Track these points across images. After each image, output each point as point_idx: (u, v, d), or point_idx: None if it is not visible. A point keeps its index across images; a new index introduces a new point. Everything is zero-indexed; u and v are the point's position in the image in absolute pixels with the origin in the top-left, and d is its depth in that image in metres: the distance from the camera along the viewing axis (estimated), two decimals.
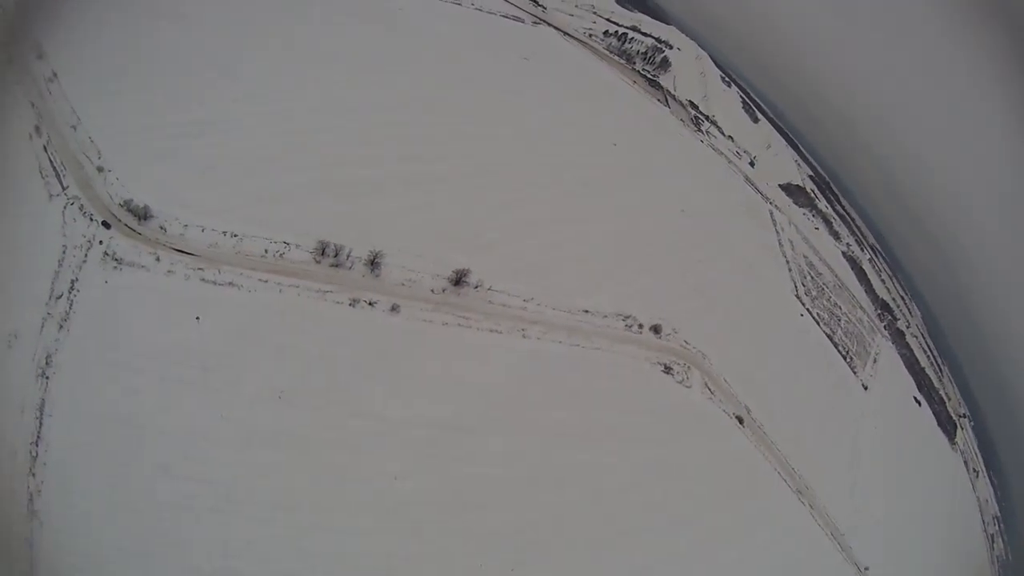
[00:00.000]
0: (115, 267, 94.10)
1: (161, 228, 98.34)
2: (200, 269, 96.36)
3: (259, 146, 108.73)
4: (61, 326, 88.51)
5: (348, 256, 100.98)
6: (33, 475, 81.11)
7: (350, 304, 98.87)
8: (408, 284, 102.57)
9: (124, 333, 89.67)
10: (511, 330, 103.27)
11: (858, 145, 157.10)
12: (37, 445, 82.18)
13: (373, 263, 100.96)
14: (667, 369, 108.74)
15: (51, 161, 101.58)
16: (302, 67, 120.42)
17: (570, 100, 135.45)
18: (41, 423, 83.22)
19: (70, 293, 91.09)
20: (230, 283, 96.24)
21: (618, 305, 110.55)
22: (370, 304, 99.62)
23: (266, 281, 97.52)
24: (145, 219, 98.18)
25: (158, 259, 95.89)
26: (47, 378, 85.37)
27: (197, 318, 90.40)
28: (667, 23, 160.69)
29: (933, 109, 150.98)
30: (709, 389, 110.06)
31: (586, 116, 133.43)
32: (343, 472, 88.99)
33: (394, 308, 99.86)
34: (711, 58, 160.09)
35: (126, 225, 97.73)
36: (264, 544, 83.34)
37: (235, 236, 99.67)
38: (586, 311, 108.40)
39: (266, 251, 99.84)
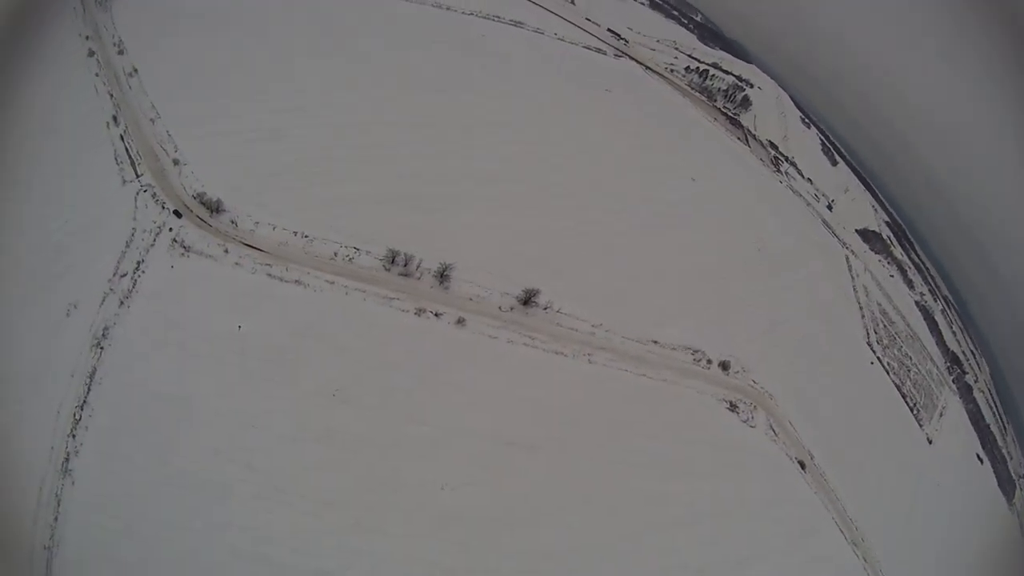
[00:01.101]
0: (182, 254, 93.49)
1: (232, 223, 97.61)
2: (268, 265, 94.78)
3: (335, 154, 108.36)
4: (122, 302, 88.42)
5: (418, 267, 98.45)
6: (73, 436, 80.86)
7: (415, 313, 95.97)
8: (476, 299, 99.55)
9: (185, 316, 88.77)
10: (577, 354, 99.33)
11: (936, 193, 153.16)
12: (82, 409, 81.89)
13: (443, 276, 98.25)
14: (732, 407, 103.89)
15: (127, 150, 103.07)
16: (383, 82, 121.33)
17: (651, 133, 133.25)
18: (89, 389, 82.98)
19: (135, 273, 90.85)
20: (296, 281, 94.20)
21: (688, 338, 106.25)
22: (436, 315, 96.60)
23: (333, 283, 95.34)
24: (217, 212, 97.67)
25: (226, 251, 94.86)
26: (101, 348, 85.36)
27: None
28: (748, 61, 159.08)
29: (1012, 163, 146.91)
30: (773, 430, 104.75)
31: (666, 149, 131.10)
32: (391, 475, 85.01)
33: (460, 321, 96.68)
34: (791, 98, 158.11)
35: (198, 216, 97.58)
36: (303, 537, 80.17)
37: (306, 237, 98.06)
38: (655, 342, 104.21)
39: (335, 254, 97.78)
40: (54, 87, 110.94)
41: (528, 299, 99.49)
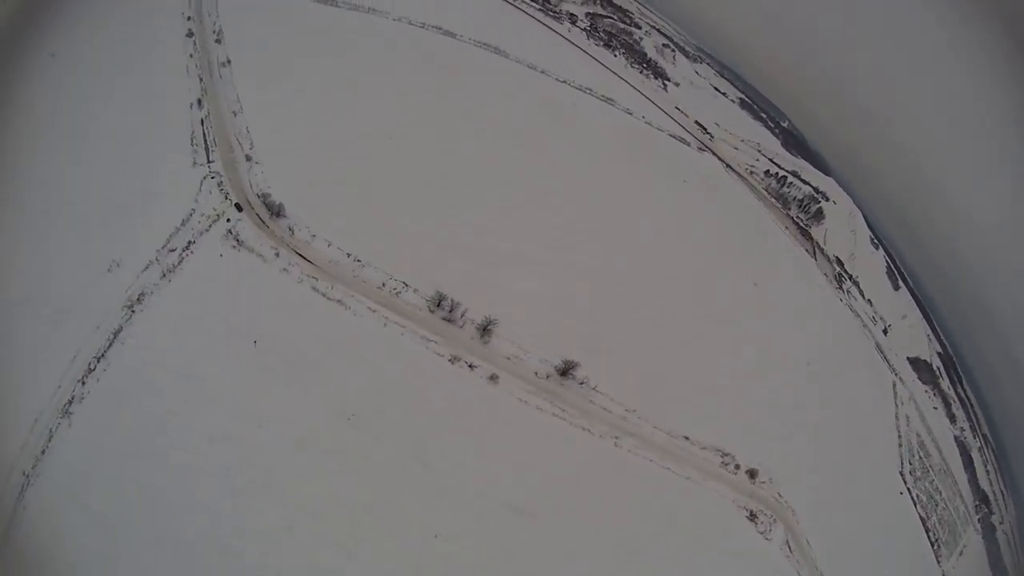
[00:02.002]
0: (234, 246, 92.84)
1: (289, 229, 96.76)
2: (314, 279, 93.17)
3: (407, 188, 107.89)
4: (164, 275, 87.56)
5: (463, 315, 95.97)
6: (83, 383, 78.59)
7: (450, 360, 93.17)
8: (514, 359, 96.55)
9: (221, 305, 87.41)
10: (604, 435, 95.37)
11: (993, 329, 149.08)
12: (98, 361, 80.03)
13: (485, 329, 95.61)
14: (752, 516, 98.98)
15: (204, 135, 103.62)
16: (468, 129, 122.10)
17: (720, 230, 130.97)
18: (110, 345, 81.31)
19: (183, 251, 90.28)
20: (339, 301, 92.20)
21: (720, 440, 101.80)
22: (470, 367, 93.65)
23: (375, 311, 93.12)
24: (277, 216, 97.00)
25: (277, 255, 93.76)
26: (133, 311, 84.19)
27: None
28: (827, 174, 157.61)
29: None
30: (789, 547, 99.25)
31: (732, 249, 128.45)
32: (384, 509, 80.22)
33: (493, 378, 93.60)
34: (864, 217, 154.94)
35: (258, 215, 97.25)
36: (275, 540, 75.83)
37: (358, 261, 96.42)
38: (686, 438, 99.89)
39: (384, 284, 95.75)
40: (147, 58, 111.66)
41: (566, 370, 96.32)
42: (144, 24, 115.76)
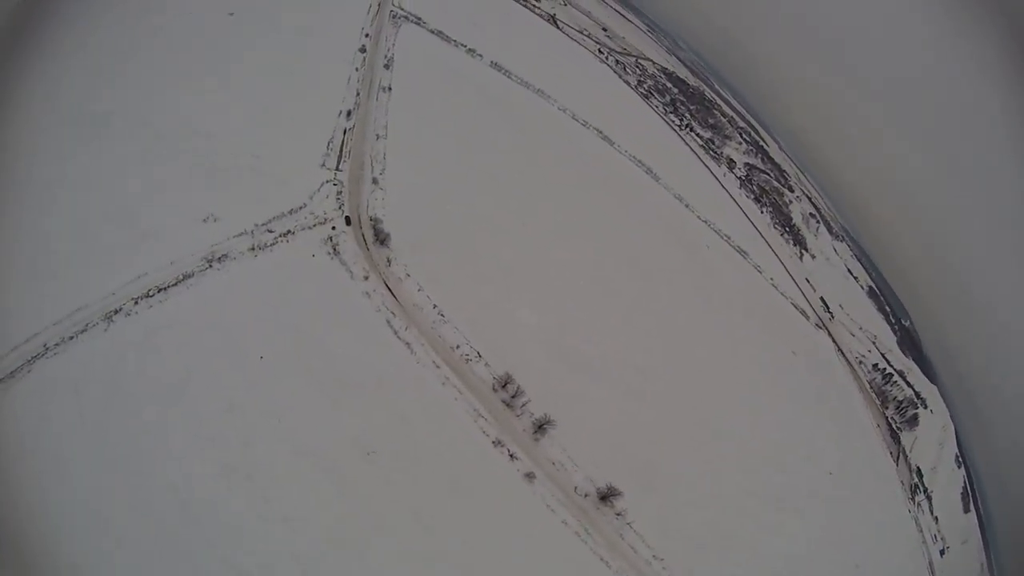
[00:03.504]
0: (329, 253, 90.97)
1: (387, 260, 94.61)
2: (392, 314, 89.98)
3: (523, 270, 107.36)
4: (253, 249, 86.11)
5: (523, 405, 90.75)
6: (136, 303, 76.16)
7: (494, 442, 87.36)
8: (558, 466, 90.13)
9: (292, 300, 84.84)
10: (622, 572, 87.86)
11: None
12: (160, 292, 77.93)
13: (541, 426, 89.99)
14: None
15: (342, 144, 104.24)
16: (599, 236, 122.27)
17: (812, 410, 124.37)
18: (176, 284, 79.16)
19: (280, 236, 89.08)
20: (407, 344, 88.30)
21: None
22: (511, 456, 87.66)
23: (438, 367, 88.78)
24: (381, 243, 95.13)
25: (366, 278, 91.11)
26: (210, 266, 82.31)
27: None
28: (933, 382, 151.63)
29: None
30: None
31: (820, 433, 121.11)
32: (366, 549, 72.62)
33: (530, 476, 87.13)
34: (956, 432, 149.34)
35: (363, 235, 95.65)
36: (242, 528, 67.81)
37: (442, 316, 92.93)
38: None
39: (458, 346, 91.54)
40: (315, 55, 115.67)
41: (607, 496, 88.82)
42: (322, 24, 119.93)
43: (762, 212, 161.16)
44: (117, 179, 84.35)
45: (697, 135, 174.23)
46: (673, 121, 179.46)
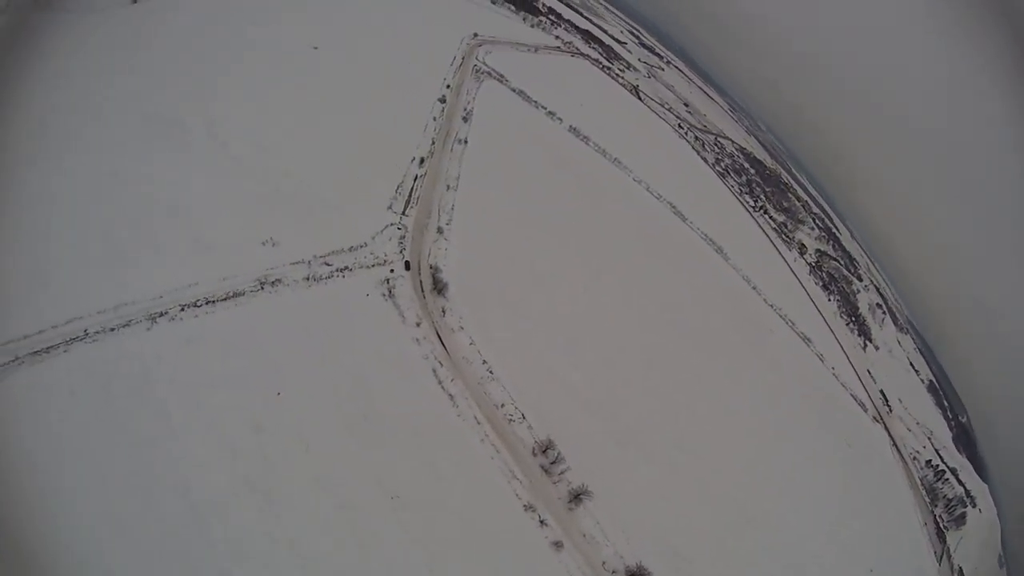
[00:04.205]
0: (384, 295, 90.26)
1: (442, 310, 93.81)
2: (440, 364, 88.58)
3: (570, 335, 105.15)
4: (308, 279, 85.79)
5: (562, 472, 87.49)
6: (182, 310, 75.47)
7: (525, 506, 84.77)
8: (589, 539, 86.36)
9: (339, 335, 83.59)
10: None
11: None
12: (208, 304, 77.45)
13: (578, 496, 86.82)
14: None
15: (411, 189, 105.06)
16: (652, 307, 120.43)
17: (861, 503, 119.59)
18: (225, 299, 78.79)
19: (337, 271, 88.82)
20: (451, 395, 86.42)
21: None
22: (541, 522, 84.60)
23: (479, 424, 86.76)
24: (438, 293, 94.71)
25: (418, 324, 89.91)
26: (262, 288, 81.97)
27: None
28: (985, 481, 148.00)
29: None
30: None
31: (865, 529, 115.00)
32: None
33: (557, 544, 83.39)
34: (1001, 531, 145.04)
35: (420, 281, 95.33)
36: (266, 567, 64.63)
37: (491, 372, 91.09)
38: None
39: (503, 405, 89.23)
40: (395, 98, 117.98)
41: (635, 575, 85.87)
42: (410, 67, 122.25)
43: (829, 299, 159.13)
44: (185, 186, 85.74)
45: (771, 217, 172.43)
46: (748, 202, 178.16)
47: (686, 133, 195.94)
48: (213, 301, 77.83)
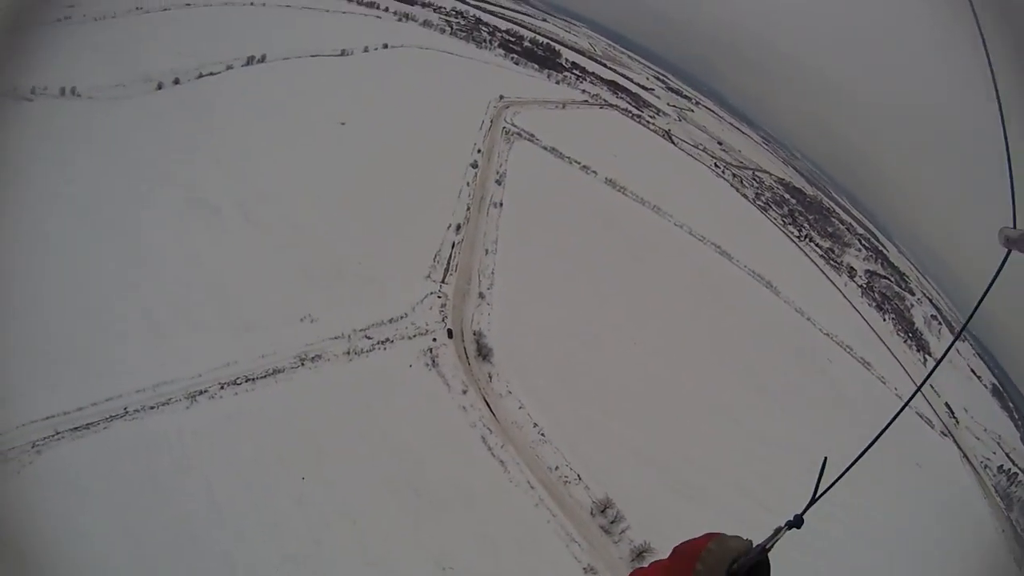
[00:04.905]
0: (427, 364, 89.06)
1: (488, 376, 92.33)
2: (489, 431, 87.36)
3: (623, 391, 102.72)
4: (348, 353, 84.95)
5: (623, 531, 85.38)
6: (222, 387, 75.42)
7: (585, 569, 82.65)
8: None
9: (383, 408, 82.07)
10: None
11: None
12: (248, 381, 77.07)
13: (640, 554, 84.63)
14: None
15: (449, 257, 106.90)
16: (703, 350, 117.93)
17: (934, 523, 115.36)
18: (265, 377, 78.24)
19: (378, 344, 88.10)
20: (502, 461, 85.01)
21: None
22: None
23: (533, 488, 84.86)
24: (483, 358, 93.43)
25: (464, 392, 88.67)
26: (303, 364, 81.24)
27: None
28: None
29: None
30: None
31: (941, 545, 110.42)
32: None
33: None
34: None
35: (464, 349, 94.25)
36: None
37: (542, 435, 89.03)
38: None
39: (556, 467, 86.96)
40: (426, 168, 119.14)
41: None
42: (437, 133, 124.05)
43: (884, 319, 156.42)
44: (222, 265, 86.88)
45: (817, 245, 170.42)
46: (792, 232, 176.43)
47: (723, 171, 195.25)
48: (253, 379, 77.71)
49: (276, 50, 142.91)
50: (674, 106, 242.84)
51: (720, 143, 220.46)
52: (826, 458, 5.45)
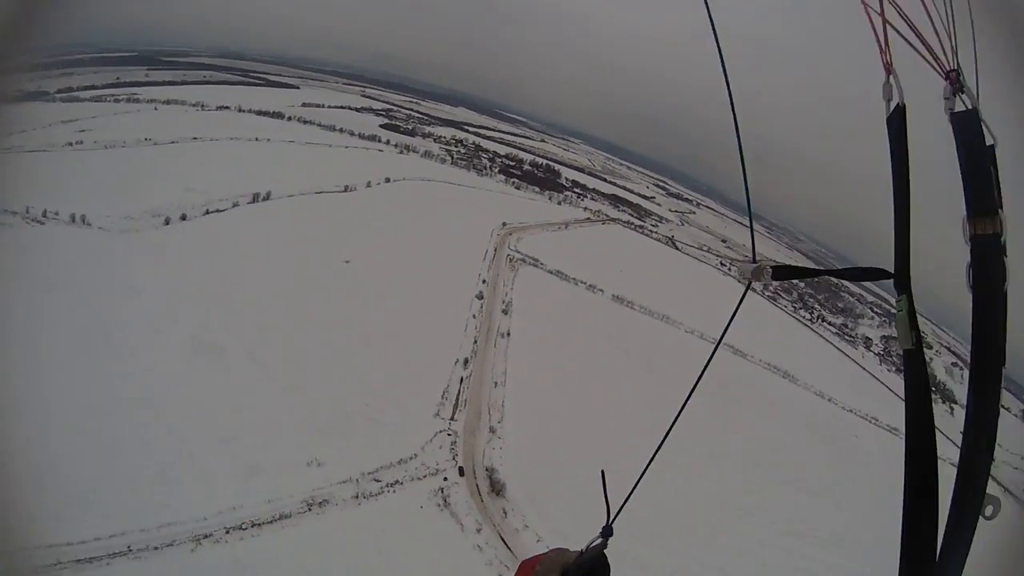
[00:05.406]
0: (438, 505, 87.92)
1: (503, 512, 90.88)
2: (507, 568, 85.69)
3: (641, 519, 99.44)
4: (357, 497, 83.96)
5: None
6: (227, 532, 74.13)
7: None
8: None
9: (394, 552, 79.76)
10: None
11: None
12: (255, 527, 76.20)
13: None
14: None
15: (458, 393, 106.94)
16: (733, 471, 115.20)
17: (984, 567, 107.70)
18: (272, 522, 77.26)
19: (387, 487, 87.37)
20: None
21: None
22: None
23: None
24: (497, 494, 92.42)
25: (479, 530, 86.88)
26: (310, 510, 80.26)
27: None
28: None
29: None
30: None
31: None
32: None
33: None
34: None
35: (477, 485, 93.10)
36: None
37: None
38: None
39: None
40: (430, 304, 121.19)
41: None
42: (440, 267, 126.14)
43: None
44: (228, 406, 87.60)
45: (829, 324, 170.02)
46: (804, 316, 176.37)
47: (730, 269, 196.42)
48: (259, 524, 77.21)
49: (281, 187, 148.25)
50: (676, 211, 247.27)
51: (724, 240, 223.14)
52: (603, 471, 5.64)
